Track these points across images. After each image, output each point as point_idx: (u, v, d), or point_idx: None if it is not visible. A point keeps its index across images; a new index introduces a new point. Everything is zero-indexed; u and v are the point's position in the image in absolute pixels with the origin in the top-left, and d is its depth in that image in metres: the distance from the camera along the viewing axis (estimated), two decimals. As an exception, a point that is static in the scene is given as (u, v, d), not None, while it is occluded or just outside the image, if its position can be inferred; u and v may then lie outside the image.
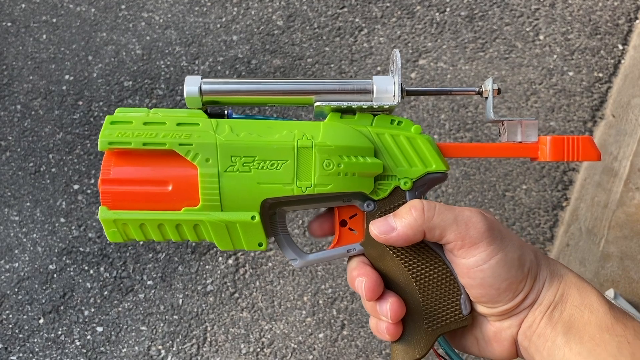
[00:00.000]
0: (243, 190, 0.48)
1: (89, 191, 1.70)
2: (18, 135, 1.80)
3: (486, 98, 0.52)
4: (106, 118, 0.49)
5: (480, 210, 0.49)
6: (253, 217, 0.48)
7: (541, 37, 1.88)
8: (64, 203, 1.68)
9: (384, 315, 0.49)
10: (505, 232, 0.48)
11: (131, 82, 1.88)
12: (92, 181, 1.72)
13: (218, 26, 1.97)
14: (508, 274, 0.46)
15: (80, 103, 1.85)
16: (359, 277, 0.50)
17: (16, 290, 1.57)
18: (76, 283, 1.57)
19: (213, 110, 0.52)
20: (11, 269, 1.60)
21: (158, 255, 1.60)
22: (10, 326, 1.53)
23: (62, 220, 1.66)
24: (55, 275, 1.59)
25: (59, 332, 1.52)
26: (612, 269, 1.51)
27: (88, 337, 1.51)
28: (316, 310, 1.52)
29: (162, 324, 1.52)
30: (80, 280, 1.58)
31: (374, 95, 0.50)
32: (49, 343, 1.51)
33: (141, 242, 1.61)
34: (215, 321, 1.52)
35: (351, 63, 1.87)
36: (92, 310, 1.54)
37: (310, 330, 1.50)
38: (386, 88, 0.50)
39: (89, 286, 1.57)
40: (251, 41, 1.93)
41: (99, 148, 0.48)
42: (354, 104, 0.50)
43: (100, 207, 0.48)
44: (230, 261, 1.59)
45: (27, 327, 1.52)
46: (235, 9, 2.00)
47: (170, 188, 0.48)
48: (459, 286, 0.49)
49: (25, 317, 1.54)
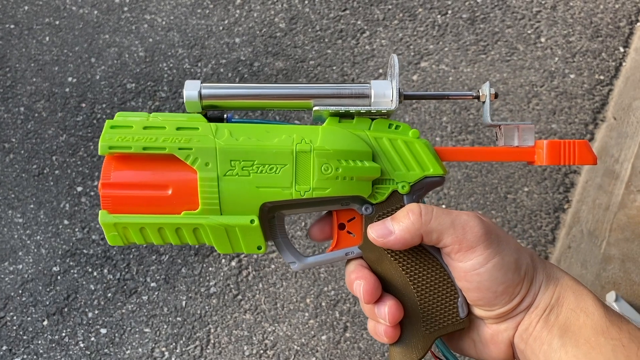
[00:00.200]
0: (242, 194, 0.49)
1: (92, 193, 1.71)
2: (21, 137, 1.80)
3: (483, 102, 0.52)
4: (106, 122, 0.49)
5: (477, 214, 0.49)
6: (252, 221, 0.49)
7: (542, 40, 1.89)
8: (68, 205, 1.69)
9: (382, 318, 0.49)
10: (502, 236, 0.48)
11: (134, 85, 1.88)
12: (96, 183, 1.72)
13: (221, 28, 1.98)
14: (505, 278, 0.46)
15: (83, 105, 1.86)
16: (357, 280, 0.50)
17: (20, 292, 1.58)
18: (80, 285, 1.58)
19: (212, 114, 0.53)
20: (15, 271, 1.61)
21: (161, 257, 1.61)
22: (14, 328, 1.53)
23: (66, 222, 1.66)
24: (59, 277, 1.59)
25: (63, 334, 1.52)
26: (614, 272, 1.51)
27: (92, 339, 1.51)
28: (319, 312, 1.52)
29: (166, 326, 1.52)
30: (84, 282, 1.58)
31: (372, 99, 0.51)
32: (53, 345, 1.51)
33: (144, 245, 1.62)
34: (218, 323, 1.52)
35: (353, 65, 1.88)
36: (96, 312, 1.54)
37: (313, 332, 1.50)
38: (384, 93, 0.51)
39: (93, 288, 1.57)
40: (254, 43, 1.94)
41: (99, 152, 0.48)
42: (352, 109, 0.50)
43: (100, 211, 0.49)
44: (233, 263, 1.59)
45: (31, 329, 1.53)
46: (237, 12, 2.01)
47: (170, 192, 0.49)
48: (456, 289, 0.50)
49: (29, 319, 1.54)
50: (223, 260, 1.60)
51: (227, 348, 1.50)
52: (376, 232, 0.49)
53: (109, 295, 1.56)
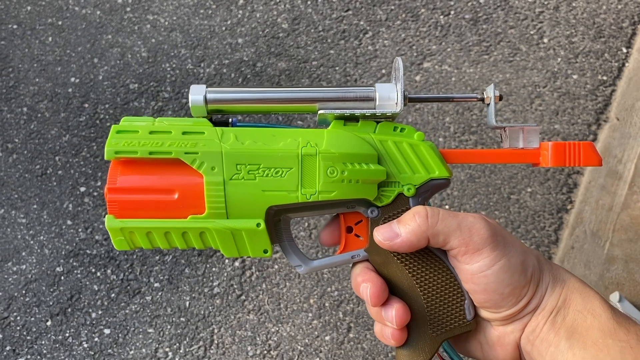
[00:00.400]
0: (248, 197, 0.49)
1: (96, 193, 1.71)
2: (24, 137, 1.80)
3: (488, 104, 0.53)
4: (112, 127, 0.49)
5: (483, 216, 0.49)
6: (258, 225, 0.49)
7: (545, 40, 1.89)
8: (71, 205, 1.69)
9: (389, 321, 0.50)
10: (508, 238, 0.48)
11: (137, 85, 1.88)
12: (99, 183, 1.72)
13: (223, 29, 1.98)
14: (511, 279, 0.46)
15: (86, 105, 1.86)
16: (364, 283, 0.50)
17: (24, 292, 1.58)
18: (83, 285, 1.58)
19: (218, 119, 0.53)
20: (19, 271, 1.61)
21: (165, 257, 1.61)
22: (18, 328, 1.53)
23: (69, 222, 1.67)
24: (62, 277, 1.59)
25: (67, 334, 1.52)
26: (617, 272, 1.52)
27: (95, 339, 1.52)
28: (322, 312, 1.53)
29: (169, 326, 1.52)
30: (87, 282, 1.58)
31: (377, 102, 0.51)
32: (57, 345, 1.51)
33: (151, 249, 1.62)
34: (222, 323, 1.52)
35: (356, 66, 1.88)
36: (100, 312, 1.55)
37: (316, 332, 1.51)
38: (389, 95, 0.51)
39: (96, 288, 1.57)
40: (256, 44, 1.94)
41: (105, 157, 0.48)
42: (357, 112, 0.50)
43: (107, 216, 0.49)
44: (236, 264, 1.59)
45: (35, 329, 1.53)
46: (240, 12, 2.01)
47: (176, 196, 0.49)
48: (463, 291, 0.50)
49: (32, 319, 1.54)
50: (226, 260, 1.60)
51: (231, 348, 1.50)
52: (382, 235, 0.49)
53: (113, 295, 1.57)
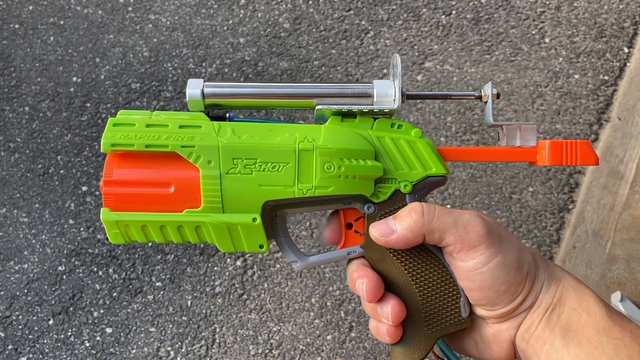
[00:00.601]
0: (244, 192, 0.48)
1: (98, 193, 1.71)
2: (26, 137, 1.80)
3: (485, 102, 0.53)
4: (109, 120, 0.49)
5: (479, 213, 0.49)
6: (254, 219, 0.49)
7: (547, 40, 1.89)
8: (73, 205, 1.69)
9: (385, 317, 0.49)
10: (504, 235, 0.48)
11: (139, 84, 1.89)
12: (101, 183, 1.73)
13: (225, 29, 1.98)
14: (507, 277, 0.46)
15: (88, 105, 1.86)
16: (360, 279, 0.50)
17: (26, 291, 1.58)
18: (85, 284, 1.58)
19: (215, 113, 0.53)
20: (21, 270, 1.61)
21: (167, 256, 1.61)
22: (20, 327, 1.54)
23: (71, 221, 1.67)
24: (64, 276, 1.59)
25: (69, 333, 1.53)
26: (619, 272, 1.52)
27: (97, 338, 1.52)
28: (324, 312, 1.53)
29: (171, 325, 1.53)
30: (89, 281, 1.59)
31: (375, 99, 0.51)
32: (59, 344, 1.52)
33: (149, 244, 1.62)
34: (223, 322, 1.53)
35: (357, 65, 1.88)
36: (102, 311, 1.55)
37: (318, 332, 1.51)
38: (386, 92, 0.51)
39: (98, 287, 1.58)
40: (258, 44, 1.94)
41: (102, 149, 0.48)
42: (355, 108, 0.50)
43: (102, 209, 0.49)
44: (238, 263, 1.60)
45: (37, 328, 1.53)
46: (242, 12, 2.01)
47: (172, 190, 0.49)
48: (459, 289, 0.50)
49: (34, 318, 1.55)
50: (228, 259, 1.60)
51: (233, 347, 1.50)
52: (378, 231, 0.49)
53: (115, 294, 1.57)
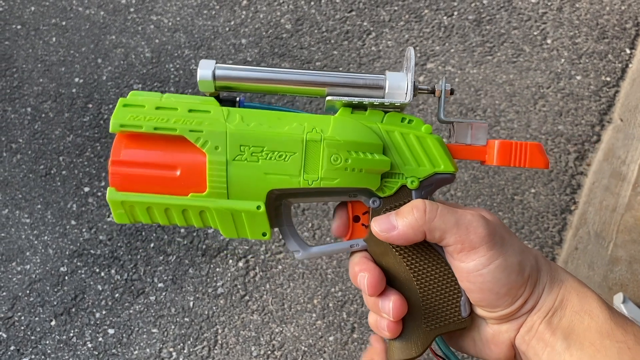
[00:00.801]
0: (250, 179, 0.48)
1: (100, 194, 1.71)
2: (28, 137, 1.81)
3: (439, 98, 0.52)
4: (119, 100, 0.49)
5: (482, 213, 0.48)
6: (258, 207, 0.49)
7: (549, 41, 1.89)
8: (75, 205, 1.69)
9: (386, 312, 0.49)
10: (506, 237, 0.48)
11: (140, 85, 1.89)
12: (103, 184, 1.73)
13: (227, 29, 1.98)
14: (508, 279, 0.46)
15: (90, 106, 1.86)
16: (362, 273, 0.50)
17: (28, 292, 1.58)
18: (87, 285, 1.58)
19: (225, 97, 0.52)
20: (23, 271, 1.61)
21: (169, 257, 1.61)
22: (22, 328, 1.54)
23: (73, 222, 1.67)
24: (66, 277, 1.60)
25: (71, 334, 1.53)
26: (621, 273, 1.52)
27: (100, 339, 1.52)
28: (326, 313, 1.53)
29: (173, 327, 1.53)
30: (91, 282, 1.59)
31: (386, 91, 0.50)
32: (61, 345, 1.52)
33: (152, 245, 1.62)
34: (226, 324, 1.53)
35: (359, 66, 1.88)
36: (104, 312, 1.55)
37: (320, 333, 1.51)
38: (399, 85, 0.50)
39: (100, 288, 1.58)
40: (260, 44, 1.94)
41: (110, 130, 0.48)
42: (366, 100, 0.50)
43: (108, 188, 0.49)
44: (240, 264, 1.60)
45: (39, 329, 1.53)
46: (243, 13, 2.01)
47: (178, 173, 0.49)
48: (460, 288, 0.49)
49: (37, 319, 1.55)
50: (230, 260, 1.60)
51: (235, 349, 1.50)
52: (379, 226, 0.48)
53: (117, 295, 1.57)
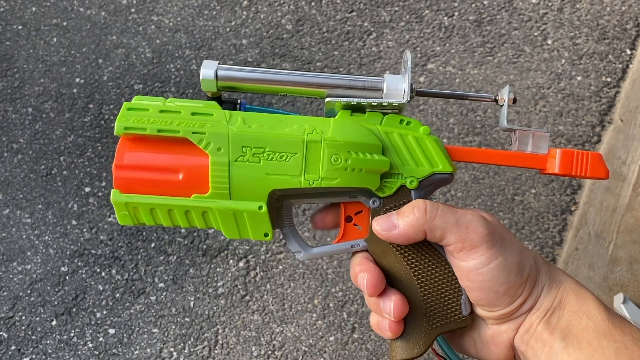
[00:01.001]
0: (252, 180, 0.49)
1: (100, 194, 1.71)
2: (29, 138, 1.81)
3: (501, 106, 0.53)
4: (124, 104, 0.50)
5: (482, 213, 0.49)
6: (260, 207, 0.49)
7: (549, 42, 1.89)
8: (76, 205, 1.69)
9: (387, 312, 0.50)
10: (506, 237, 0.48)
11: (141, 85, 1.89)
12: (104, 184, 1.73)
13: (227, 30, 1.98)
14: (507, 279, 0.46)
15: (90, 106, 1.86)
16: (362, 273, 0.50)
17: (29, 292, 1.58)
18: (88, 285, 1.58)
19: (226, 99, 0.53)
20: (24, 271, 1.61)
21: (169, 257, 1.61)
22: (23, 328, 1.54)
23: (74, 222, 1.67)
24: (67, 277, 1.60)
25: (72, 334, 1.53)
26: (621, 273, 1.52)
27: (100, 339, 1.52)
28: (327, 313, 1.53)
29: (174, 326, 1.53)
30: (92, 282, 1.59)
31: (384, 92, 0.51)
32: (62, 345, 1.52)
33: (152, 245, 1.62)
34: (226, 324, 1.53)
35: (360, 67, 1.89)
36: (104, 312, 1.55)
37: (321, 333, 1.51)
38: (396, 86, 0.51)
39: (101, 288, 1.58)
40: (260, 45, 1.94)
41: (115, 132, 0.49)
42: (364, 101, 0.51)
43: (112, 190, 0.50)
44: (241, 264, 1.60)
45: (40, 329, 1.54)
46: (244, 13, 2.01)
47: (181, 175, 0.50)
48: (460, 287, 0.50)
49: (37, 319, 1.55)
50: (231, 261, 1.60)
51: (235, 349, 1.50)
52: (380, 226, 0.49)
53: (117, 295, 1.57)
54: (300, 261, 1.58)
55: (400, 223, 0.48)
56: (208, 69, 0.51)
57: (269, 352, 1.49)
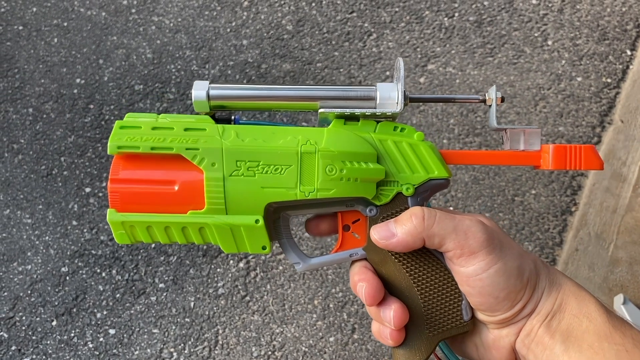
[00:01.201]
0: (247, 194, 0.49)
1: (101, 194, 1.71)
2: (30, 138, 1.81)
3: (490, 106, 0.53)
4: (116, 123, 0.50)
5: (480, 219, 0.49)
6: (257, 221, 0.49)
7: (550, 43, 1.89)
8: (76, 206, 1.70)
9: (387, 321, 0.50)
10: (505, 241, 0.48)
11: (142, 86, 1.89)
12: (104, 184, 1.73)
13: (228, 30, 1.98)
14: (507, 283, 0.46)
15: (91, 106, 1.86)
16: (360, 283, 0.50)
17: (29, 292, 1.58)
18: (88, 285, 1.59)
19: (220, 115, 0.53)
20: (24, 271, 1.61)
21: (170, 258, 1.61)
22: (23, 328, 1.54)
23: (74, 223, 1.67)
24: (67, 277, 1.60)
25: (72, 334, 1.53)
26: (621, 274, 1.52)
27: (101, 340, 1.52)
28: (327, 313, 1.53)
29: (174, 327, 1.53)
30: (92, 282, 1.59)
31: (378, 101, 0.51)
32: (62, 345, 1.52)
33: (153, 245, 1.62)
34: (226, 324, 1.53)
35: (360, 68, 1.89)
36: (105, 312, 1.55)
37: (321, 333, 1.51)
38: (389, 95, 0.51)
39: (101, 289, 1.58)
40: (261, 45, 1.95)
41: (109, 152, 0.49)
42: (358, 111, 0.51)
43: (108, 210, 0.50)
44: (241, 264, 1.60)
45: (40, 329, 1.54)
46: (245, 14, 2.02)
47: (176, 188, 0.50)
48: (460, 292, 0.50)
49: (38, 319, 1.55)
50: (231, 261, 1.60)
51: (236, 349, 1.50)
52: (379, 234, 0.49)
53: (118, 296, 1.57)
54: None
55: (398, 231, 0.48)
56: (199, 90, 0.51)
57: (269, 353, 1.49)
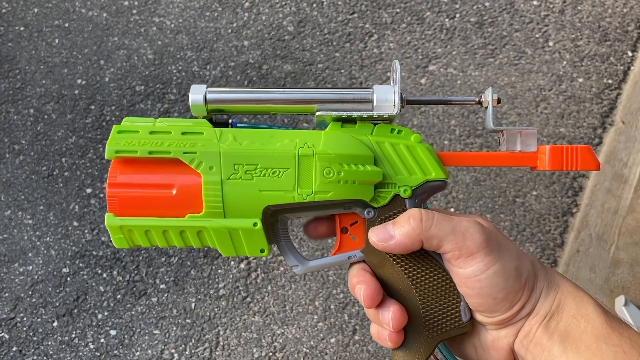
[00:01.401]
0: (245, 197, 0.49)
1: (102, 195, 1.71)
2: (31, 139, 1.81)
3: (486, 108, 0.53)
4: (113, 127, 0.50)
5: (478, 220, 0.49)
6: (255, 224, 0.49)
7: (551, 44, 1.89)
8: (77, 207, 1.70)
9: (386, 323, 0.50)
10: (503, 242, 0.48)
11: (143, 87, 1.89)
12: (105, 185, 1.73)
13: (229, 31, 1.99)
14: (505, 284, 0.47)
15: (92, 107, 1.86)
16: (359, 285, 0.50)
17: (30, 293, 1.59)
18: (89, 286, 1.59)
19: (218, 119, 0.54)
20: (25, 272, 1.61)
21: (171, 259, 1.61)
22: (24, 329, 1.54)
23: (75, 223, 1.67)
24: (68, 278, 1.60)
25: (73, 335, 1.53)
26: (623, 275, 1.52)
27: (102, 341, 1.52)
28: (328, 315, 1.53)
29: (175, 328, 1.53)
30: (93, 283, 1.59)
31: (374, 104, 0.51)
32: (63, 346, 1.52)
33: (150, 247, 1.62)
34: (227, 325, 1.53)
35: (361, 69, 1.89)
36: (106, 313, 1.55)
37: (322, 335, 1.51)
38: (386, 97, 0.51)
39: (102, 290, 1.58)
40: (262, 46, 1.95)
41: (106, 156, 0.49)
42: (355, 114, 0.51)
43: (106, 214, 0.50)
44: (242, 265, 1.60)
45: (41, 330, 1.54)
46: (246, 15, 2.02)
47: (174, 192, 0.50)
48: (459, 293, 0.50)
49: (39, 320, 1.55)
50: (232, 262, 1.60)
51: (236, 350, 1.50)
52: (377, 236, 0.49)
53: (119, 296, 1.57)
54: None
55: (396, 233, 0.48)
56: (197, 94, 0.51)
57: (270, 354, 1.49)
